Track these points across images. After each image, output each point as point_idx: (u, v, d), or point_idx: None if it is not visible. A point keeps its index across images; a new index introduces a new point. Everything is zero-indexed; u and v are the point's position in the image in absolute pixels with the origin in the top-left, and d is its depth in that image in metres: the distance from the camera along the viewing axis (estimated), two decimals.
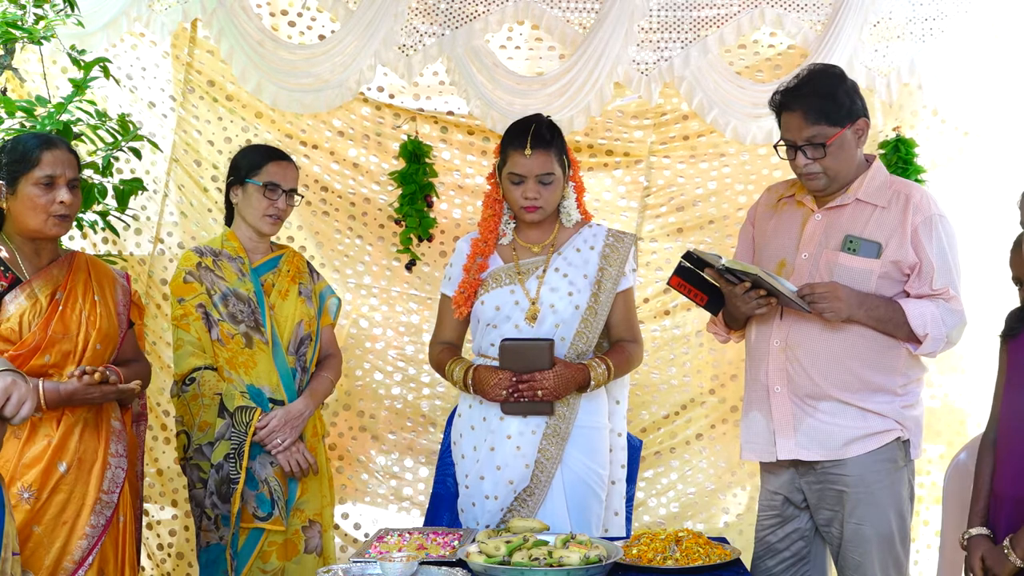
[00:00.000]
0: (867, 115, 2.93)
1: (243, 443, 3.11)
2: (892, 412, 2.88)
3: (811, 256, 2.92)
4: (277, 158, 3.31)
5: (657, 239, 4.26)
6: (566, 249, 3.16)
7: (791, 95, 2.91)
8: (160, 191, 4.12)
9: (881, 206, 2.89)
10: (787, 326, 2.92)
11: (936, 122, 4.15)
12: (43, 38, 3.45)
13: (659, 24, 4.11)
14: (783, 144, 2.92)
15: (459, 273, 3.18)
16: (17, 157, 2.83)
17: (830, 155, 2.86)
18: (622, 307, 3.17)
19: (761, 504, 3.10)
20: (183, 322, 3.21)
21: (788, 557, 3.02)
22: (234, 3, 3.91)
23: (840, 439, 2.88)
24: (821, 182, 2.90)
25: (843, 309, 2.81)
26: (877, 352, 2.88)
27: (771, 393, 2.94)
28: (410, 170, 4.10)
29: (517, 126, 3.14)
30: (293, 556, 3.21)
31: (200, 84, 4.11)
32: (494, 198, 3.18)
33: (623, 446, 3.21)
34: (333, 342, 3.46)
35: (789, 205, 3.05)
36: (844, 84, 2.91)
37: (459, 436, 3.19)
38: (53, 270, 2.89)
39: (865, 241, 2.87)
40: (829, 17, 4.00)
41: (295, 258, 3.40)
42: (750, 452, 3.05)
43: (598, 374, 3.05)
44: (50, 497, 2.78)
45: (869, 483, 2.87)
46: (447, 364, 3.15)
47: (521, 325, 3.08)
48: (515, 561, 2.47)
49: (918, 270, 2.85)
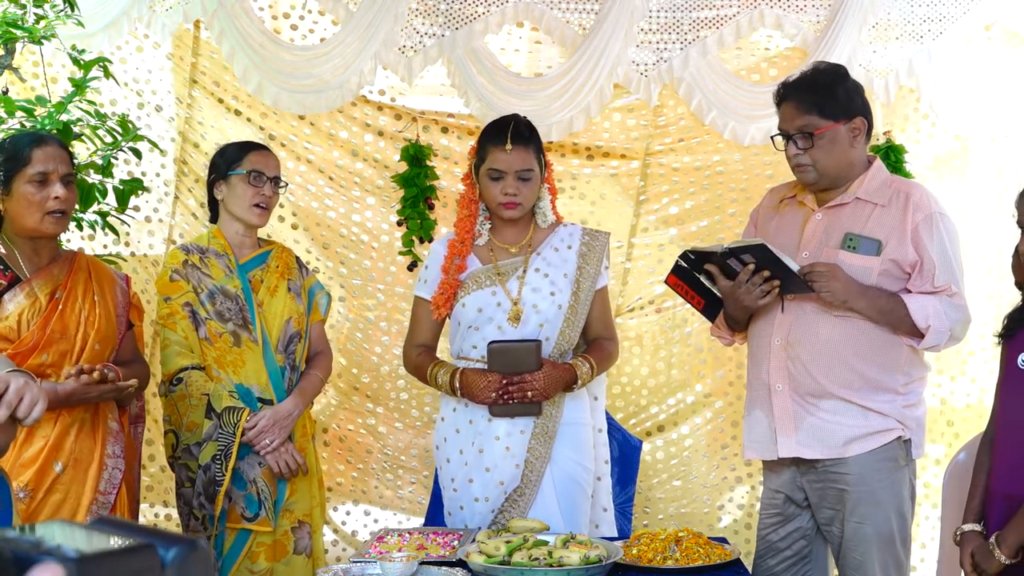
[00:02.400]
0: (868, 116, 2.93)
1: (231, 444, 3.09)
2: (894, 411, 2.88)
3: (812, 255, 2.92)
4: (256, 148, 3.30)
5: (652, 239, 4.27)
6: (544, 249, 3.15)
7: (790, 87, 2.95)
8: (171, 192, 4.13)
9: (881, 204, 2.90)
10: (788, 324, 2.93)
11: (927, 124, 4.16)
12: (43, 38, 3.45)
13: (658, 25, 4.12)
14: (779, 135, 2.95)
15: (436, 275, 3.16)
16: (8, 156, 2.82)
17: (818, 147, 2.87)
18: (599, 305, 3.17)
19: (763, 503, 3.11)
20: (170, 321, 3.18)
21: (790, 556, 3.02)
22: (235, 4, 3.91)
23: (841, 437, 2.88)
24: (810, 175, 2.91)
25: (840, 290, 2.81)
26: (879, 350, 2.87)
27: (772, 391, 2.95)
28: (411, 173, 4.11)
29: (495, 124, 3.14)
30: (282, 557, 3.18)
31: (206, 85, 4.12)
32: (469, 198, 3.17)
33: (605, 442, 3.22)
34: (323, 339, 3.43)
35: (791, 206, 3.06)
36: (845, 82, 2.93)
37: (443, 440, 3.16)
38: (53, 269, 2.89)
39: (865, 239, 2.87)
40: (828, 18, 4.00)
41: (284, 253, 3.37)
42: (752, 451, 3.05)
43: (583, 373, 3.06)
44: (45, 497, 2.77)
45: (870, 482, 2.87)
46: (428, 368, 3.12)
47: (504, 326, 3.07)
48: (515, 561, 2.47)
49: (919, 268, 2.86)
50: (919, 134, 4.17)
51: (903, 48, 4.04)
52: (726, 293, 2.94)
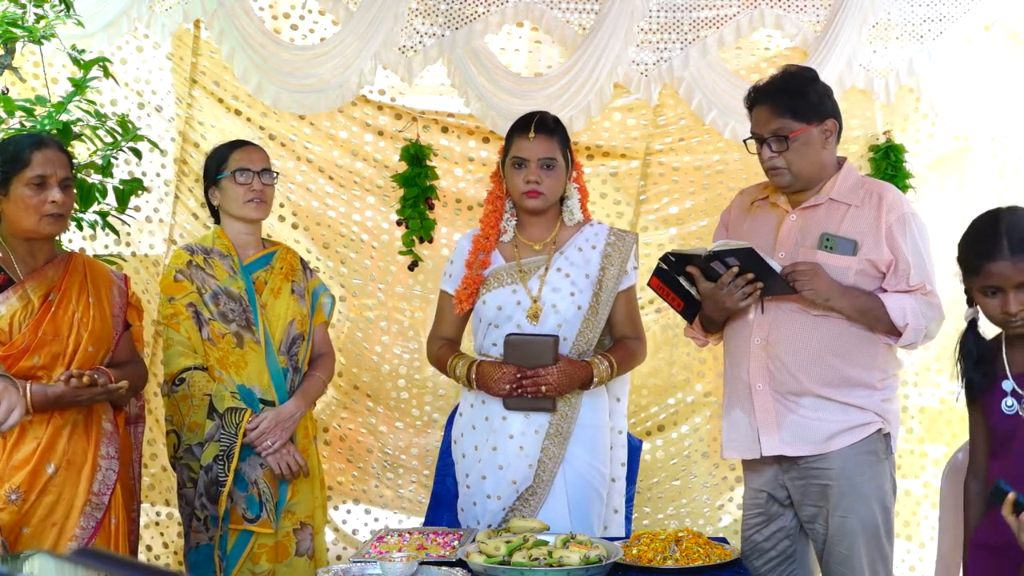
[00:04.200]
0: (838, 118, 2.96)
1: (233, 445, 3.09)
2: (872, 405, 2.92)
3: (788, 255, 2.95)
4: (239, 146, 3.31)
5: (652, 238, 4.27)
6: (568, 248, 3.16)
7: (762, 91, 2.97)
8: (172, 192, 4.13)
9: (855, 205, 2.93)
10: (767, 324, 2.95)
11: (927, 125, 4.16)
12: (43, 38, 3.45)
13: (658, 25, 4.12)
14: (752, 138, 2.97)
15: (460, 269, 3.18)
16: (8, 158, 2.81)
17: (793, 150, 2.89)
18: (624, 305, 3.18)
19: (746, 503, 3.12)
20: (173, 321, 3.19)
21: (775, 556, 3.03)
22: (235, 4, 3.91)
23: (824, 433, 2.91)
24: (785, 178, 2.94)
25: (823, 289, 2.84)
26: (856, 348, 2.91)
27: (753, 391, 2.96)
28: (411, 173, 4.12)
29: (522, 117, 3.19)
30: (284, 559, 3.18)
31: (206, 85, 4.12)
32: (496, 195, 3.20)
33: (623, 444, 3.22)
34: (326, 341, 3.44)
35: (763, 207, 3.08)
36: (815, 84, 2.96)
37: (460, 435, 3.19)
38: (48, 271, 2.88)
39: (841, 239, 2.90)
40: (828, 18, 4.01)
41: (288, 255, 3.38)
42: (732, 450, 3.07)
43: (601, 371, 3.06)
44: (38, 499, 2.77)
45: (852, 475, 2.90)
46: (449, 360, 3.14)
47: (523, 324, 3.08)
48: (515, 561, 2.47)
49: (894, 267, 2.89)
50: (919, 134, 4.18)
51: (903, 48, 4.04)
52: (706, 295, 2.95)
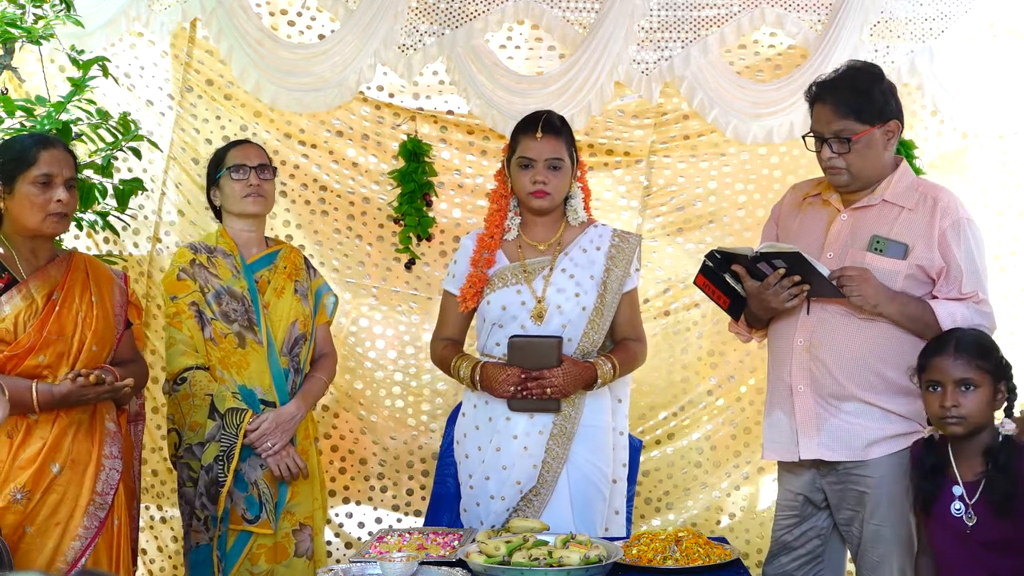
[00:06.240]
0: (901, 118, 2.91)
1: (233, 446, 3.08)
2: (915, 414, 2.86)
3: (836, 256, 2.90)
4: (236, 144, 3.33)
5: (657, 239, 4.26)
6: (572, 249, 3.16)
7: (826, 87, 2.90)
8: (157, 190, 4.11)
9: (908, 208, 2.88)
10: (811, 326, 2.91)
11: (934, 122, 4.15)
12: (42, 37, 3.45)
13: (659, 24, 4.10)
14: (811, 135, 2.91)
15: (464, 269, 3.18)
16: (14, 156, 2.83)
17: (855, 152, 2.84)
18: (627, 307, 3.17)
19: (780, 504, 3.09)
20: (175, 320, 3.19)
21: (803, 555, 3.01)
22: (233, 3, 3.90)
23: (863, 439, 2.87)
24: (843, 178, 2.89)
25: (871, 295, 2.80)
26: (901, 353, 2.85)
27: (794, 392, 2.93)
28: (409, 169, 4.10)
29: (528, 116, 3.18)
30: (283, 559, 3.18)
31: (198, 83, 4.11)
32: (500, 194, 3.20)
33: (625, 445, 3.21)
34: (328, 341, 3.43)
35: (814, 204, 3.03)
36: (881, 83, 2.90)
37: (462, 436, 3.18)
38: (51, 270, 2.89)
39: (892, 242, 2.85)
40: (829, 17, 3.99)
41: (292, 254, 3.38)
42: (772, 452, 3.03)
43: (604, 372, 3.05)
44: (43, 498, 2.78)
45: (890, 485, 2.86)
46: (452, 360, 3.13)
47: (527, 325, 3.07)
48: (515, 561, 2.47)
49: (946, 274, 2.84)
50: (927, 131, 4.16)
51: (905, 47, 4.02)
52: (752, 294, 2.92)
